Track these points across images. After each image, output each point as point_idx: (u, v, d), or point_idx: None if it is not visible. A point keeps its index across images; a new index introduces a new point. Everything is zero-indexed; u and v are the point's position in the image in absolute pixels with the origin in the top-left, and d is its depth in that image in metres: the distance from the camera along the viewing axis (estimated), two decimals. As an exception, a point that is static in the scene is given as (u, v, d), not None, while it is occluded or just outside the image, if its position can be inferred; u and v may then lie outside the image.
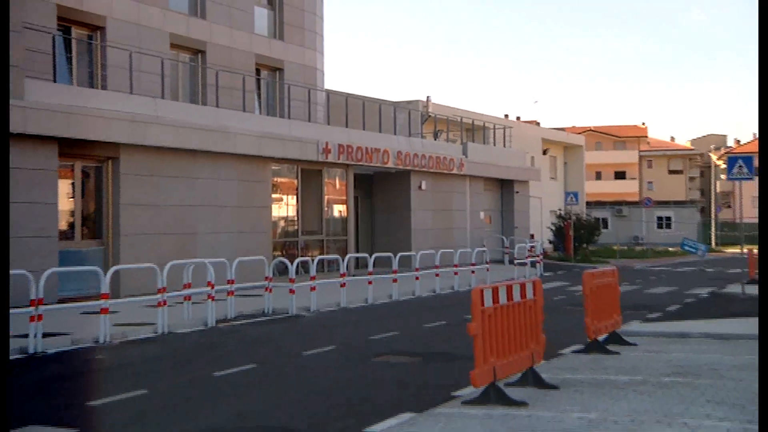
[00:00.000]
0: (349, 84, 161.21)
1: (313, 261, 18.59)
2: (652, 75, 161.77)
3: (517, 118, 61.56)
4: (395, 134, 31.05)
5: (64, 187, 18.91)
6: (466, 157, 33.31)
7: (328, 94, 29.48)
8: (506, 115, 55.62)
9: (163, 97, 21.67)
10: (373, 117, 29.72)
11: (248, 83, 25.75)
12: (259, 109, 27.62)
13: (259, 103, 27.99)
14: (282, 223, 25.50)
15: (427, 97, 35.17)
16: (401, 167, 29.15)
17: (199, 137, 21.21)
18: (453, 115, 35.62)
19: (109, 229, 19.50)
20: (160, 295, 14.01)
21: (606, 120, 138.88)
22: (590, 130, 78.75)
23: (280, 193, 25.21)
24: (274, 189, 24.61)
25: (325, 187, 26.81)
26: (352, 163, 26.85)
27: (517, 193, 38.20)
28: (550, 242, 43.01)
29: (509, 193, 38.06)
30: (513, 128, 40.86)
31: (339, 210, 27.82)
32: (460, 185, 33.69)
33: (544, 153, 47.19)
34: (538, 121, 65.19)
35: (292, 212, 25.79)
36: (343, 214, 27.81)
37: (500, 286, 8.23)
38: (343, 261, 19.79)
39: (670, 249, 51.39)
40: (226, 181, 22.40)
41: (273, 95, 28.70)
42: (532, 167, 41.28)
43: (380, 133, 29.30)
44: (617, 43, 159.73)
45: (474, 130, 37.42)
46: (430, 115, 34.57)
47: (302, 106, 26.89)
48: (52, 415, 8.05)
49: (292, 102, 26.65)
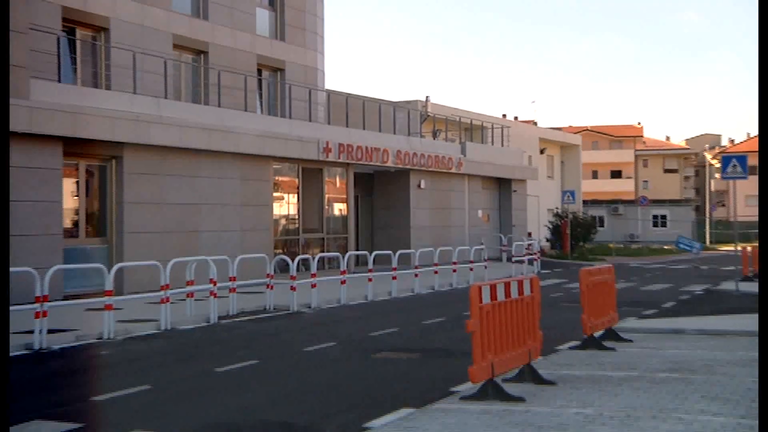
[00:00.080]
0: (349, 84, 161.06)
1: (314, 258, 18.69)
2: (647, 75, 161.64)
3: (515, 118, 61.63)
4: (395, 134, 31.21)
5: (69, 185, 19.06)
6: (465, 156, 33.49)
7: (329, 94, 29.61)
8: (504, 115, 55.69)
9: (166, 97, 21.82)
10: (373, 117, 29.89)
11: (250, 83, 25.86)
12: (261, 109, 27.72)
13: (261, 102, 28.10)
14: (283, 221, 25.69)
15: (426, 97, 35.28)
16: (401, 166, 29.33)
17: (202, 137, 21.39)
18: (452, 115, 35.76)
19: (113, 227, 19.67)
20: (163, 292, 14.10)
21: (602, 120, 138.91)
22: (587, 130, 78.82)
23: (281, 192, 25.40)
24: (276, 188, 24.80)
25: (326, 186, 27.01)
26: (353, 162, 27.04)
27: (514, 192, 38.39)
28: (548, 240, 43.13)
29: (507, 192, 38.25)
30: (511, 128, 40.95)
31: (339, 208, 28.01)
32: (459, 184, 33.88)
33: (542, 152, 47.29)
34: (536, 121, 65.26)
35: (293, 210, 25.99)
36: (343, 213, 28.01)
37: (498, 284, 8.30)
38: (343, 258, 19.97)
39: (666, 247, 51.45)
40: (228, 180, 22.58)
41: (274, 95, 28.83)
42: (529, 166, 41.39)
43: (380, 132, 29.45)
44: (613, 44, 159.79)
45: (472, 130, 37.54)
46: (429, 115, 34.71)
47: (303, 106, 27.03)
48: (57, 410, 8.10)
49: (293, 102, 26.79)
